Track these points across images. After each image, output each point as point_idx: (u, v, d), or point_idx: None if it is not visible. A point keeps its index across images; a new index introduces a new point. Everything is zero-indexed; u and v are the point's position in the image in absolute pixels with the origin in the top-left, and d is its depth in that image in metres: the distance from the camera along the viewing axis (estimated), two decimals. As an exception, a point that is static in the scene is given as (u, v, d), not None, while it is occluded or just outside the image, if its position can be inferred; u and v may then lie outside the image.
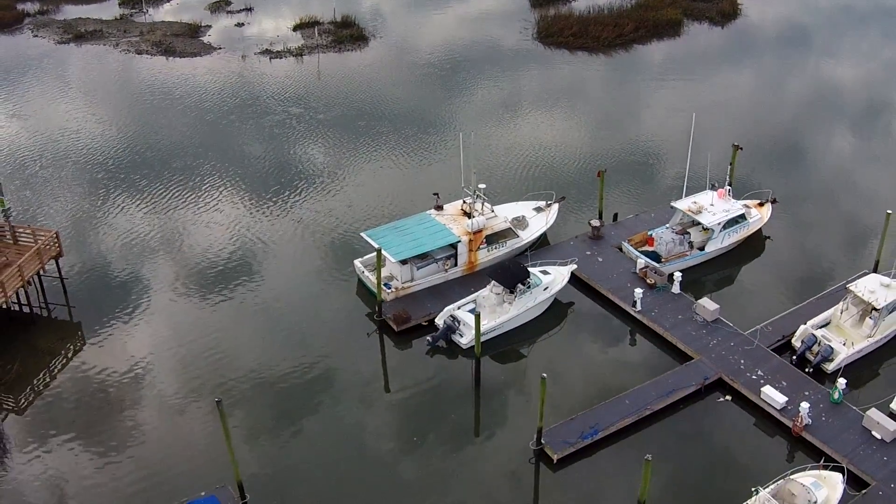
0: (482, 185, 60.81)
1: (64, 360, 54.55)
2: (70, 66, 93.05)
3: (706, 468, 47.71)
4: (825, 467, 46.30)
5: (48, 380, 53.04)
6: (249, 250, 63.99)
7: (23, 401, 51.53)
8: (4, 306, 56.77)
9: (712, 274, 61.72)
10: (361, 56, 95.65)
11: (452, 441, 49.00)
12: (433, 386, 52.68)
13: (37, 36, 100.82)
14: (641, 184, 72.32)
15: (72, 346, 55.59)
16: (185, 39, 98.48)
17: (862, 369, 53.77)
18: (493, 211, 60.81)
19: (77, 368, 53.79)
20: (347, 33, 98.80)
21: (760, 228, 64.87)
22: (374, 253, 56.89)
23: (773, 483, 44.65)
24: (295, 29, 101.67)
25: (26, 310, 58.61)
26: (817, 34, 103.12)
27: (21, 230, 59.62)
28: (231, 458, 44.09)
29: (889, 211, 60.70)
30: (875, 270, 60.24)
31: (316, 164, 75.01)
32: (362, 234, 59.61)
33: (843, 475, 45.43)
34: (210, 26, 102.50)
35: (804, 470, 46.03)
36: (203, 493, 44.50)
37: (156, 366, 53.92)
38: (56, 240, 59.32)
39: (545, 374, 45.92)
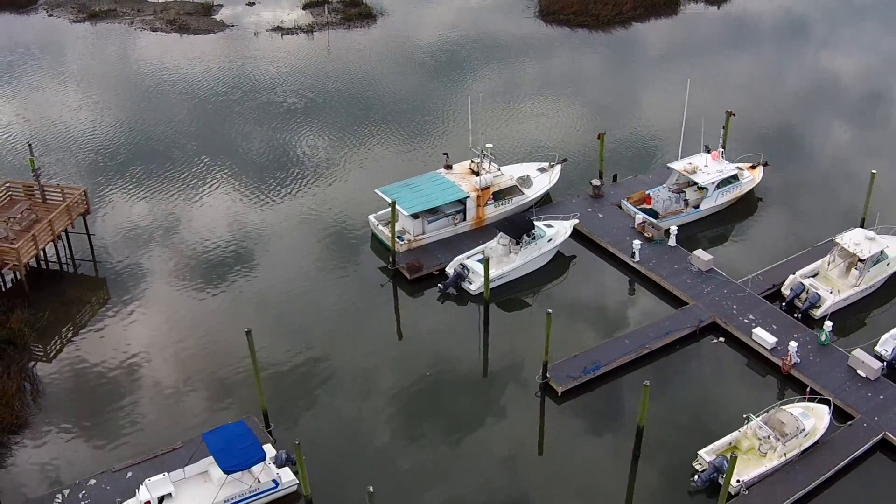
0: (489, 145, 64.01)
1: (90, 311, 57.30)
2: (86, 43, 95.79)
3: (701, 400, 50.96)
4: (811, 399, 49.45)
5: (76, 327, 55.92)
6: (269, 210, 67.01)
7: (53, 346, 54.42)
8: (34, 263, 59.68)
9: (707, 230, 64.91)
10: (370, 32, 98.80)
11: (463, 378, 52.18)
12: (444, 329, 55.81)
13: (51, 16, 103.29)
14: (639, 148, 75.76)
15: (97, 299, 58.28)
16: (198, 17, 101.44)
17: (848, 316, 56.89)
18: (499, 169, 63.95)
19: (103, 318, 56.59)
20: (356, 11, 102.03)
21: (752, 189, 68.00)
22: (388, 209, 60.13)
23: (764, 412, 47.89)
24: (304, 7, 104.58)
25: (54, 264, 61.51)
26: (809, 13, 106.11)
27: (50, 189, 62.26)
28: (258, 387, 47.22)
29: (874, 170, 64.10)
30: (861, 227, 63.09)
31: (329, 130, 78.07)
32: (376, 190, 62.71)
33: (830, 407, 48.62)
34: (222, 5, 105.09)
35: (793, 402, 49.26)
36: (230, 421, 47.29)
37: (179, 314, 56.82)
38: (84, 197, 62.02)
39: (551, 310, 49.04)
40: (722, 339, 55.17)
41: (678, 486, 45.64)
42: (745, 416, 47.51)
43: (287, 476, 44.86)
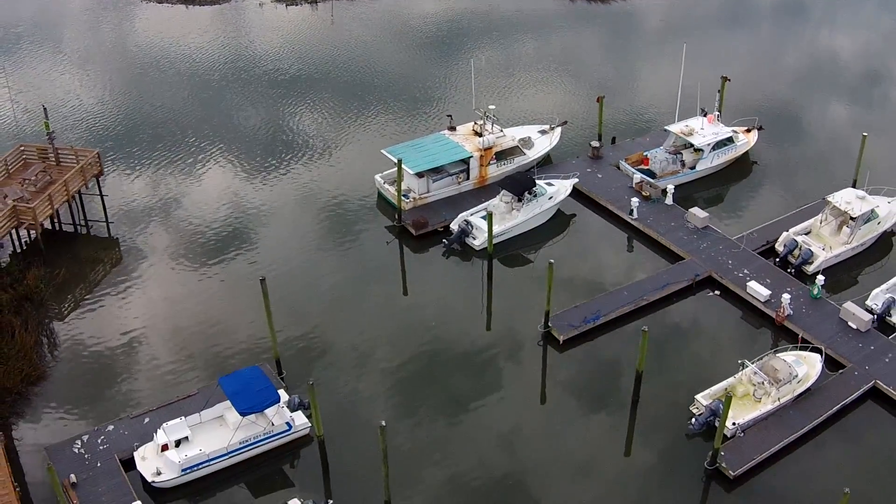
0: (492, 106, 65.60)
1: (104, 269, 58.80)
2: (92, 15, 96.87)
3: (697, 349, 52.75)
4: (804, 347, 51.19)
5: (90, 285, 57.41)
6: (279, 172, 68.47)
7: (69, 303, 55.92)
8: (49, 223, 61.15)
9: (703, 191, 66.59)
10: (373, 3, 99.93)
11: (468, 328, 53.85)
12: (449, 282, 57.54)
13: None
14: (637, 111, 77.61)
15: (110, 258, 59.82)
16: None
17: (839, 272, 58.60)
18: (502, 131, 65.59)
19: (116, 276, 58.15)
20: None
21: (747, 152, 69.66)
22: (394, 169, 61.72)
23: (759, 359, 49.64)
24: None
25: (68, 225, 62.99)
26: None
27: (63, 151, 63.41)
28: (271, 334, 48.83)
29: (865, 133, 65.81)
30: (853, 187, 64.67)
31: (336, 96, 79.64)
32: (382, 150, 64.34)
33: (822, 356, 50.38)
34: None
35: (787, 350, 50.99)
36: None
37: (191, 272, 58.37)
38: (97, 159, 63.29)
39: (552, 261, 50.75)
40: (718, 292, 56.89)
41: (676, 429, 47.39)
42: (739, 362, 49.19)
43: (300, 419, 46.43)
